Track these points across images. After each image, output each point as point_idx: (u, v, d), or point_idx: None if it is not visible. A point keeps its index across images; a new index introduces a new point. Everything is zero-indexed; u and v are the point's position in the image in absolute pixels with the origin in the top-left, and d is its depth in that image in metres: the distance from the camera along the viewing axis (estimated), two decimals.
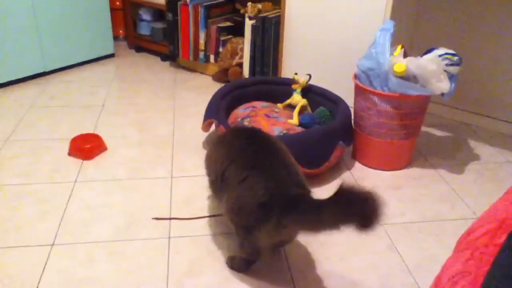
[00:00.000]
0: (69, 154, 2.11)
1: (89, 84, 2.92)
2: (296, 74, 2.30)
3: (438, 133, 2.44)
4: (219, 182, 1.44)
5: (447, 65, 1.91)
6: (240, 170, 1.36)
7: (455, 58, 1.91)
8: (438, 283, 0.84)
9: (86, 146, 2.10)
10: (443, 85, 1.88)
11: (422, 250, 1.61)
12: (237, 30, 2.97)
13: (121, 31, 3.67)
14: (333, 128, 2.00)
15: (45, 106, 2.59)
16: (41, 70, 2.97)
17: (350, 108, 2.14)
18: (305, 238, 1.63)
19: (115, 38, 3.55)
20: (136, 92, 2.82)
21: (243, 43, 2.83)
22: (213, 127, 2.22)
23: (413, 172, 2.09)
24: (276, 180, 1.32)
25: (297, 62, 2.63)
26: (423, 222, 1.76)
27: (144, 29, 3.47)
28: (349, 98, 2.17)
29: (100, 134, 2.22)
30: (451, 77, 1.91)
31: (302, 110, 2.22)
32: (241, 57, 2.86)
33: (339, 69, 2.47)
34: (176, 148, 2.21)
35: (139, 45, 3.51)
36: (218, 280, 1.45)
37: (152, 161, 2.09)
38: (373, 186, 1.97)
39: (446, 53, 1.93)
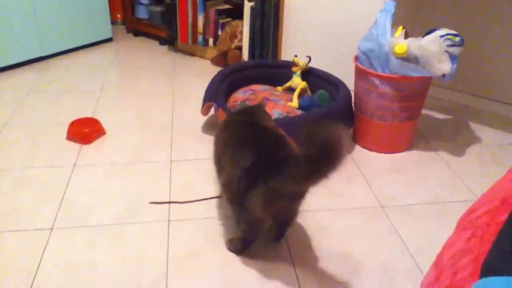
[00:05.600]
0: (68, 138, 2.09)
1: (87, 68, 2.89)
2: (295, 56, 2.27)
3: (439, 115, 2.42)
4: (216, 167, 1.49)
5: (448, 46, 1.88)
6: (231, 148, 1.39)
7: (457, 39, 1.89)
8: (439, 262, 0.83)
9: (85, 131, 2.08)
10: (445, 66, 1.86)
11: (423, 233, 1.60)
12: (236, 13, 2.94)
13: (118, 15, 3.64)
14: (333, 111, 1.98)
15: (43, 91, 2.57)
16: (39, 55, 2.94)
17: (350, 90, 2.12)
18: (305, 222, 1.63)
19: (113, 22, 3.51)
20: (135, 77, 2.80)
21: (242, 26, 2.80)
22: (212, 111, 2.20)
23: (414, 155, 2.08)
24: (262, 148, 1.33)
25: (297, 45, 2.61)
26: (424, 204, 1.75)
27: (142, 13, 3.44)
28: (349, 81, 2.15)
29: (99, 119, 2.21)
30: (452, 58, 1.88)
31: (302, 92, 2.21)
32: (240, 40, 2.83)
33: (340, 51, 2.45)
34: (175, 132, 2.19)
35: (137, 29, 3.48)
36: (218, 263, 1.45)
37: (151, 146, 2.08)
38: (374, 168, 1.96)
39: (448, 34, 1.90)
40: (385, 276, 1.43)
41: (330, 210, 1.70)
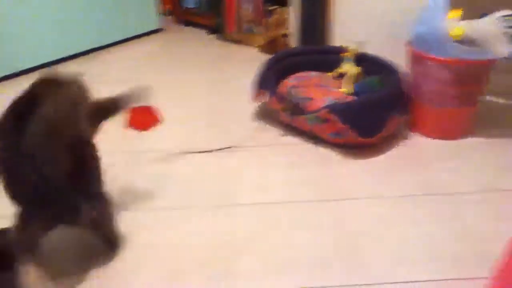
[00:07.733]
0: (128, 126, 2.12)
1: (136, 59, 2.95)
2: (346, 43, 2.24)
3: (500, 100, 2.32)
4: None
5: (506, 27, 1.81)
6: None
7: None
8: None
9: (142, 118, 2.11)
10: (504, 49, 1.79)
11: (481, 221, 1.55)
12: (283, 0, 2.91)
13: (167, 6, 3.68)
14: (386, 97, 1.94)
15: (95, 82, 2.63)
16: (89, 47, 3.00)
17: (405, 75, 2.07)
18: (361, 210, 1.62)
19: (163, 13, 3.56)
20: (183, 66, 2.84)
21: (289, 12, 2.78)
22: (263, 98, 2.20)
23: (472, 141, 2.00)
24: None
25: (347, 29, 2.56)
26: (481, 192, 1.70)
27: (190, 2, 3.47)
28: (404, 65, 2.10)
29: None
30: None
31: (354, 79, 2.17)
32: (288, 26, 2.81)
33: (393, 35, 2.39)
34: (225, 120, 2.21)
35: (185, 19, 3.52)
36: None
37: (204, 135, 2.10)
38: (429, 155, 1.91)
39: (507, 15, 1.83)
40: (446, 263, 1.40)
41: (381, 197, 1.68)
